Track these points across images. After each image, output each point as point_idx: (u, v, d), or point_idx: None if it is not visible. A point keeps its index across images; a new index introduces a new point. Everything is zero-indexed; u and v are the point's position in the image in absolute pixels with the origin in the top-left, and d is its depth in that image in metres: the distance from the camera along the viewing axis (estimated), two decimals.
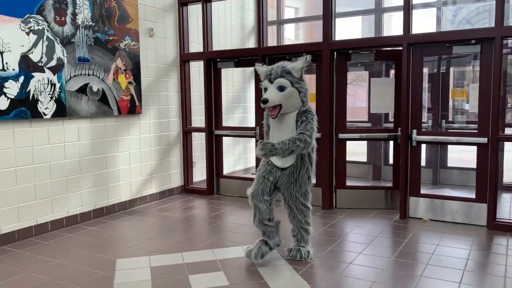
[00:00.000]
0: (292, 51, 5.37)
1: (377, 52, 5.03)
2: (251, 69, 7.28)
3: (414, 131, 4.69)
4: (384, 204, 5.16)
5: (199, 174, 6.39)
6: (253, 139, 6.81)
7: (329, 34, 5.01)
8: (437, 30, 6.66)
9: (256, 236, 4.25)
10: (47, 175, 4.36)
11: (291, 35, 13.31)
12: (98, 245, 4.03)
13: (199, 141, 6.37)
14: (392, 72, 6.32)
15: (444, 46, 4.58)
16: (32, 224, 4.25)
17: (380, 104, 5.12)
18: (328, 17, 5.00)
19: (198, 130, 6.16)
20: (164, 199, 5.80)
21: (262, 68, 3.49)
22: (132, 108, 5.23)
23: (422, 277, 3.20)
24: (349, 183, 5.31)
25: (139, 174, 5.45)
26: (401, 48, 4.69)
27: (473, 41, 4.37)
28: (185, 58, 6.03)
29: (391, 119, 6.36)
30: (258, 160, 5.83)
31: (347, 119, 5.23)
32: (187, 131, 6.13)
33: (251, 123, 7.37)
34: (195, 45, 6.25)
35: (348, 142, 5.26)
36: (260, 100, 3.38)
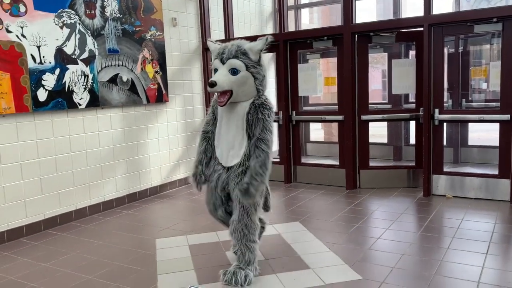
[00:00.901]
0: (313, 35, 5.48)
1: (398, 33, 5.10)
2: (270, 54, 7.39)
3: (436, 110, 4.77)
4: (407, 182, 5.28)
5: None
6: (275, 124, 6.95)
7: (350, 17, 5.09)
8: (454, 9, 6.66)
9: (286, 215, 4.44)
10: (84, 163, 4.58)
11: (306, 20, 13.32)
12: (135, 227, 4.26)
13: None
14: (412, 53, 6.37)
15: (465, 25, 4.63)
16: (72, 209, 4.49)
17: (401, 85, 5.20)
18: (348, 0, 5.08)
19: None
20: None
21: (214, 45, 2.87)
22: (160, 97, 5.42)
23: (449, 249, 3.34)
24: (371, 164, 5.44)
25: (168, 160, 5.65)
26: (422, 29, 4.75)
27: (494, 20, 4.42)
28: (207, 46, 6.16)
29: (411, 99, 6.44)
30: (281, 145, 6.00)
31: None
32: None
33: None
34: (216, 33, 6.38)
35: (369, 124, 5.37)
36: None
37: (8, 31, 3.85)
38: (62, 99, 4.31)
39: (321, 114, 5.99)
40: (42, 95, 4.13)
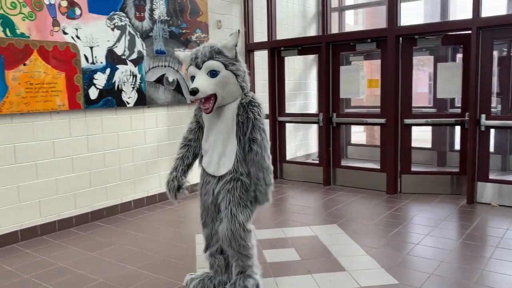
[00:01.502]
0: (356, 38, 5.45)
1: (444, 36, 4.98)
2: (312, 56, 7.40)
3: (483, 115, 4.63)
4: (450, 189, 5.14)
5: None
6: (315, 125, 6.97)
7: (394, 19, 5.02)
8: (508, 12, 6.41)
9: (324, 217, 4.46)
10: (130, 159, 4.79)
11: (351, 21, 13.19)
12: (177, 222, 4.41)
13: None
14: (459, 56, 6.20)
15: None
16: (118, 202, 4.71)
17: (447, 88, 5.08)
18: (393, 2, 5.02)
19: None
20: None
21: (184, 53, 2.66)
22: None
23: (492, 259, 3.25)
24: (413, 169, 5.34)
25: None
26: (470, 32, 4.63)
27: None
28: (250, 48, 6.27)
29: (457, 104, 6.26)
30: (320, 146, 6.00)
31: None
32: None
33: (312, 109, 7.51)
34: (259, 35, 6.47)
35: (412, 128, 5.28)
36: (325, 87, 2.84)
37: (64, 33, 4.10)
38: (111, 97, 4.53)
39: (363, 117, 5.94)
40: (93, 93, 4.36)
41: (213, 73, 2.44)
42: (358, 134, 9.60)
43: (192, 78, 2.51)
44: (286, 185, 5.95)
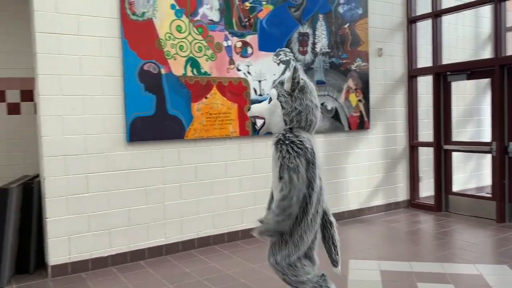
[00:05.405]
0: None
1: None
2: (486, 80, 6.80)
3: None
4: None
5: (426, 189, 6.31)
6: (489, 155, 6.34)
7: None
8: None
9: (493, 256, 4.06)
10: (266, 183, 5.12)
11: None
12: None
13: (425, 156, 6.32)
14: None
15: None
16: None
17: None
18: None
19: (425, 144, 6.13)
20: (390, 212, 5.98)
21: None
22: (361, 124, 5.65)
23: None
24: None
25: (366, 186, 5.79)
26: None
27: None
28: (412, 74, 6.13)
29: None
30: (493, 179, 5.42)
31: None
32: (413, 146, 6.18)
33: (487, 137, 6.85)
34: (423, 60, 6.27)
35: None
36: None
37: (238, 70, 4.72)
38: None
39: None
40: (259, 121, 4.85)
41: (270, 100, 2.61)
42: None
43: None
44: (451, 219, 5.54)
